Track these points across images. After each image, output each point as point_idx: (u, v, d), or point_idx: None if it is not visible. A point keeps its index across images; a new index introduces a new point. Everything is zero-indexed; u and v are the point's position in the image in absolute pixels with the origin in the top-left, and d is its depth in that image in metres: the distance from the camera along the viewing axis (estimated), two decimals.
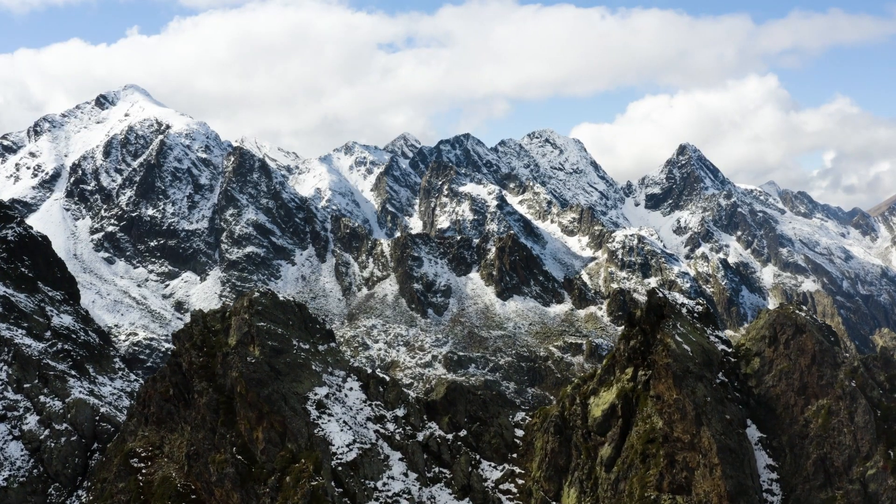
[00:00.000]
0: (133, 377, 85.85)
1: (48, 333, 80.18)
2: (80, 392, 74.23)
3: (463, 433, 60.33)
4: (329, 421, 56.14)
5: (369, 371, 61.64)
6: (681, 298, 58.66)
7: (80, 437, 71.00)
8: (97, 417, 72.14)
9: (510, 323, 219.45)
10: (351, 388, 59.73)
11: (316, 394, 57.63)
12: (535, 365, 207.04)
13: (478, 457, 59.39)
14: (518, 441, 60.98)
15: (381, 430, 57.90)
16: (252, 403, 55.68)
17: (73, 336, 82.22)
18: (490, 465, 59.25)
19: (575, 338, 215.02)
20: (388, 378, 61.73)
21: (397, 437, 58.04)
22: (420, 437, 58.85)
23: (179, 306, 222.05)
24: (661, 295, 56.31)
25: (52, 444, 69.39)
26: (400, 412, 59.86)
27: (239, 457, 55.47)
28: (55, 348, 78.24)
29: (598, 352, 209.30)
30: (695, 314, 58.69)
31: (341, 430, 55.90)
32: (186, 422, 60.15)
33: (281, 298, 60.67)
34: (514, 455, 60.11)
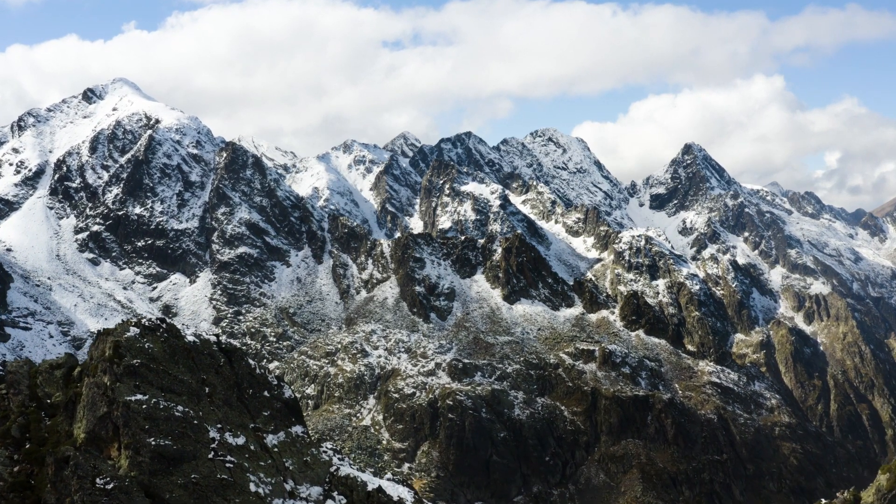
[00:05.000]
0: None
1: None
2: None
3: None
4: None
5: (371, 486, 27.62)
6: None
7: None
8: None
9: (518, 328, 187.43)
10: None
11: None
12: (545, 373, 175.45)
13: None
14: None
15: None
16: None
17: None
18: None
19: (587, 344, 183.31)
20: (408, 499, 27.87)
21: None
22: None
23: (167, 310, 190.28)
24: None
25: None
26: None
27: None
28: None
29: (611, 359, 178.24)
30: None
31: None
32: None
33: (189, 338, 27.08)
34: None
